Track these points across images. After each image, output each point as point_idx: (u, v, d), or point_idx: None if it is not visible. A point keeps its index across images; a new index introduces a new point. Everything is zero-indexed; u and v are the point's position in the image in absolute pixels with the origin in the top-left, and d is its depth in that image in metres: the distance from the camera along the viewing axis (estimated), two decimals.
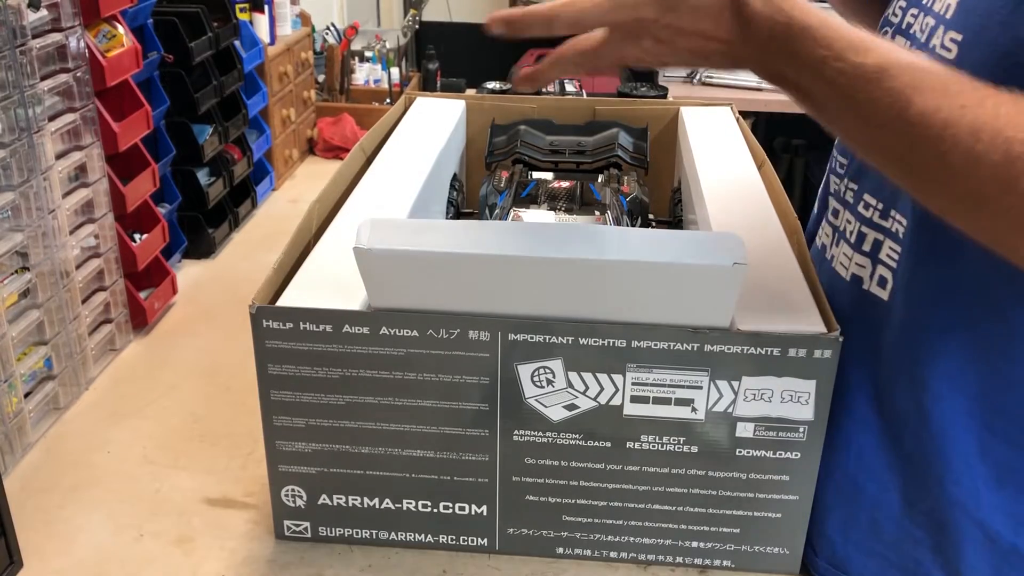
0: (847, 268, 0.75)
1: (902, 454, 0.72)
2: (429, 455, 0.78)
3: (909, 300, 0.69)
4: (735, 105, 1.22)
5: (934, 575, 0.72)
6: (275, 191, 1.77)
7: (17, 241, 0.97)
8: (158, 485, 0.93)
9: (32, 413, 0.99)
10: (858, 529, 0.75)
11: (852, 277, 0.75)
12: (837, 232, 0.78)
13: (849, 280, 0.75)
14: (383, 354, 0.73)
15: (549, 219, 0.99)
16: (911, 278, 0.69)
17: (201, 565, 0.82)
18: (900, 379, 0.71)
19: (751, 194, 0.96)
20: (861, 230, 0.74)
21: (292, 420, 0.77)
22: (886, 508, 0.73)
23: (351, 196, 0.94)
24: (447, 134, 1.11)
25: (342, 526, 0.82)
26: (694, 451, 0.75)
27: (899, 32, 0.73)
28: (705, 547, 0.80)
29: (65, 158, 1.05)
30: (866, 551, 0.75)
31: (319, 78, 2.09)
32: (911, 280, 0.69)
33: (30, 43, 0.97)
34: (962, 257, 0.65)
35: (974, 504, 0.69)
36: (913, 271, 0.69)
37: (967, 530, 0.69)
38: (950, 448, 0.69)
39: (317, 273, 0.80)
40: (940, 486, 0.70)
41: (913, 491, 0.72)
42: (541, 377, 0.73)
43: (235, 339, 1.19)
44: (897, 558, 0.73)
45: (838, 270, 0.77)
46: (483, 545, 0.82)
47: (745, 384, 0.72)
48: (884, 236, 0.71)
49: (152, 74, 1.34)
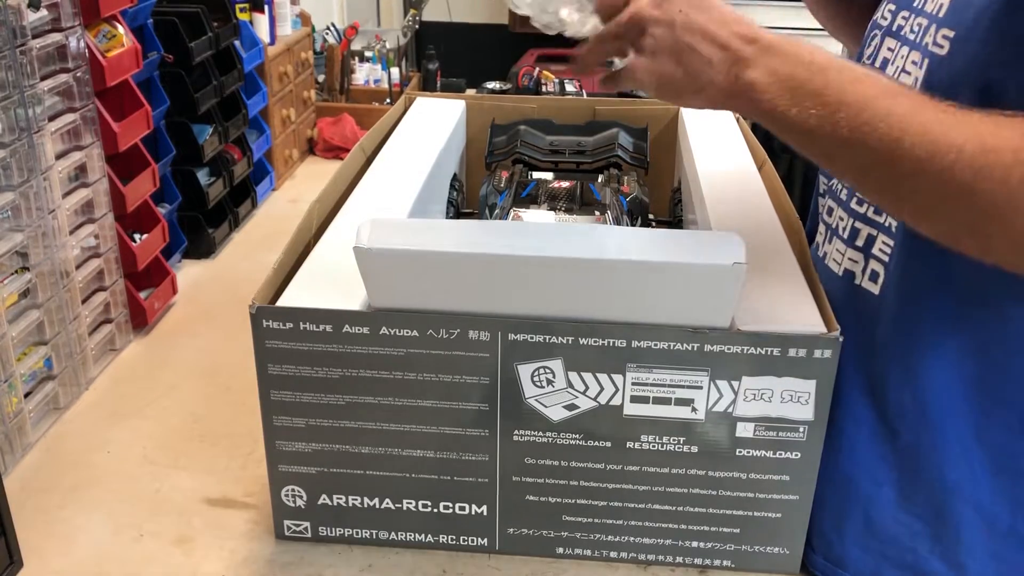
0: (840, 264, 0.76)
1: (897, 447, 0.72)
2: (429, 455, 0.78)
3: (902, 293, 0.70)
4: None
5: (932, 565, 0.72)
6: (275, 191, 1.77)
7: (17, 241, 0.97)
8: (158, 485, 0.93)
9: (32, 413, 0.99)
10: (853, 526, 0.76)
11: (844, 272, 0.75)
12: (830, 229, 0.79)
13: (842, 276, 0.76)
14: (383, 354, 0.73)
15: (549, 219, 0.99)
16: (904, 271, 0.70)
17: (201, 565, 0.82)
18: (894, 371, 0.72)
19: (751, 194, 0.96)
20: (855, 226, 0.74)
21: (292, 420, 0.77)
22: (879, 504, 0.74)
23: (351, 196, 0.94)
24: (447, 134, 1.11)
25: (342, 526, 0.82)
26: (694, 451, 0.75)
27: (888, 34, 0.73)
28: (705, 547, 0.80)
29: (65, 158, 1.05)
30: (862, 547, 0.76)
31: (319, 78, 2.09)
32: (904, 273, 0.70)
33: (30, 43, 0.97)
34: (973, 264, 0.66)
35: (972, 489, 0.70)
36: (906, 264, 0.70)
37: (965, 515, 0.70)
38: (947, 435, 0.70)
39: (317, 273, 0.80)
40: (938, 473, 0.71)
41: (909, 482, 0.72)
42: (541, 377, 0.73)
43: (235, 339, 1.18)
44: (894, 553, 0.74)
45: (831, 266, 0.78)
46: (483, 545, 0.82)
47: (745, 384, 0.72)
48: (877, 231, 0.72)
49: (152, 74, 1.34)
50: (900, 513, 0.73)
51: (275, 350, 0.74)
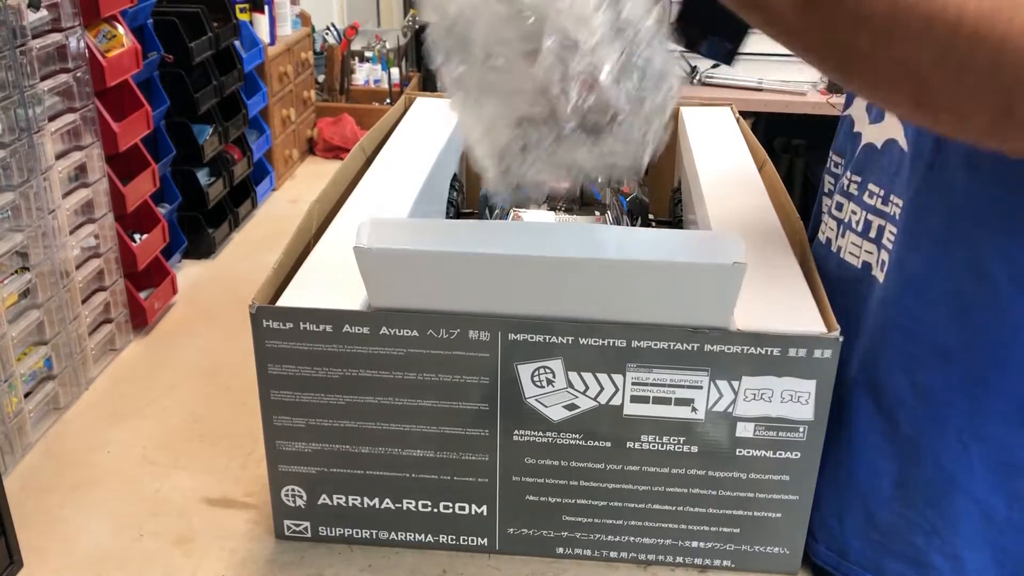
0: (858, 256, 0.77)
1: (896, 437, 0.73)
2: (429, 455, 0.78)
3: (902, 279, 0.71)
4: (735, 105, 1.22)
5: (931, 557, 0.73)
6: (275, 191, 1.77)
7: (17, 241, 0.97)
8: (158, 485, 0.93)
9: (32, 413, 0.99)
10: (854, 517, 0.76)
11: (863, 264, 0.76)
12: (842, 224, 0.79)
13: (861, 268, 0.76)
14: (383, 354, 0.73)
15: (549, 219, 0.99)
16: (904, 257, 0.70)
17: (201, 565, 0.82)
18: (895, 359, 0.72)
19: (751, 194, 0.96)
20: (867, 218, 0.75)
21: (292, 420, 0.77)
22: (879, 496, 0.74)
23: (351, 196, 0.94)
24: (447, 134, 1.11)
25: (342, 526, 0.82)
26: (694, 451, 0.75)
27: None
28: (705, 547, 0.80)
29: (65, 158, 1.05)
30: (864, 539, 0.76)
31: (319, 78, 2.09)
32: (904, 259, 0.70)
33: (30, 43, 0.97)
34: (953, 234, 0.67)
35: (969, 480, 0.70)
36: (907, 249, 0.70)
37: (963, 507, 0.71)
38: (944, 425, 0.70)
39: (317, 273, 0.80)
40: (936, 465, 0.71)
41: (907, 474, 0.73)
42: (541, 377, 0.73)
43: (235, 339, 1.19)
44: (894, 545, 0.74)
45: (848, 260, 0.78)
46: (483, 545, 0.82)
47: (745, 384, 0.72)
48: (885, 221, 0.73)
49: (152, 74, 1.34)
50: (898, 505, 0.73)
51: (275, 350, 0.74)
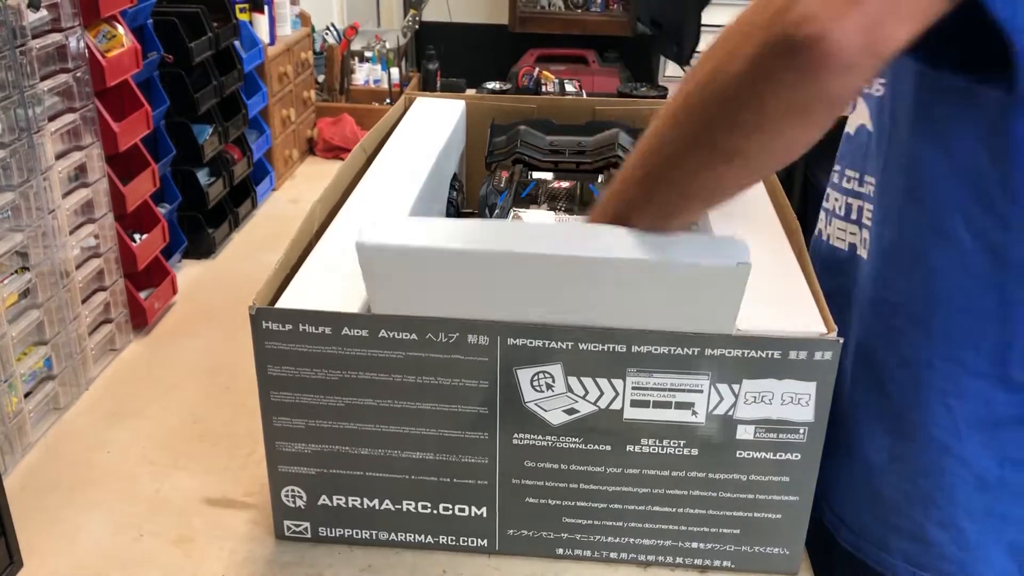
0: (844, 240, 0.80)
1: (889, 410, 0.74)
2: (429, 457, 0.78)
3: (880, 252, 0.73)
4: None
5: (931, 531, 0.74)
6: (275, 191, 1.77)
7: (17, 241, 0.97)
8: (158, 485, 0.93)
9: (32, 413, 0.99)
10: (862, 495, 0.78)
11: (849, 246, 0.79)
12: (829, 213, 0.83)
13: (847, 250, 0.79)
14: (382, 357, 0.73)
15: (549, 219, 0.99)
16: (880, 232, 0.73)
17: (201, 565, 0.82)
18: (882, 333, 0.74)
19: (751, 194, 0.96)
20: (847, 202, 0.79)
21: (292, 421, 0.77)
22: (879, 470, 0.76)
23: (351, 196, 0.94)
24: (447, 134, 1.11)
25: (342, 526, 0.82)
26: (694, 453, 0.75)
27: None
28: (705, 548, 0.80)
29: (65, 158, 1.05)
30: (872, 515, 0.77)
31: (319, 78, 2.09)
32: (880, 234, 0.73)
33: (30, 43, 0.97)
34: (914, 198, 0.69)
35: (958, 444, 0.71)
36: (881, 225, 0.73)
37: (956, 472, 0.72)
38: (928, 392, 0.71)
39: (317, 274, 0.80)
40: (924, 432, 0.72)
41: (901, 446, 0.74)
42: (541, 382, 0.73)
43: (235, 339, 1.18)
44: (897, 521, 0.75)
45: (836, 244, 0.81)
46: (483, 546, 0.82)
47: (745, 387, 0.72)
48: (863, 201, 0.76)
49: (152, 74, 1.34)
50: (896, 478, 0.75)
51: (275, 351, 0.74)
